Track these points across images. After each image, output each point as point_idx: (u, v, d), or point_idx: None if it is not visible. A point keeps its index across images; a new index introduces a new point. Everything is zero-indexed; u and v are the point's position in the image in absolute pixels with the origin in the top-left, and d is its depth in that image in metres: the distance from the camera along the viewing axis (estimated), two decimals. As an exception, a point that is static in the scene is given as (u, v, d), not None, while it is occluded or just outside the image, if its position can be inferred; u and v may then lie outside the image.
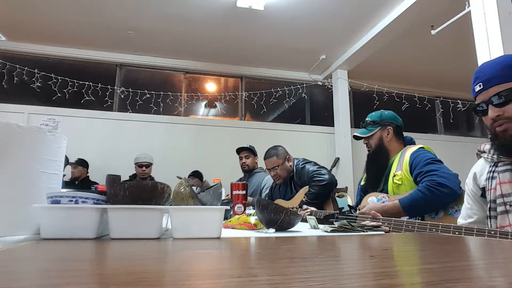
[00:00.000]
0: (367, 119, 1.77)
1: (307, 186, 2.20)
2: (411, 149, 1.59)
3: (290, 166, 2.40)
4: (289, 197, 2.37)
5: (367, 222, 1.20)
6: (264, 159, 2.46)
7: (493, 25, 2.37)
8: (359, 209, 1.55)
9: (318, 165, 2.32)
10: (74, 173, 3.84)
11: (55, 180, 0.84)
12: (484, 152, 1.07)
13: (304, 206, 1.88)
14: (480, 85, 0.96)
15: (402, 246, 0.70)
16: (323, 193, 2.10)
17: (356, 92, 5.37)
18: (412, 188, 1.47)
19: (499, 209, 0.96)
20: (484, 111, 0.97)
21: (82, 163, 3.92)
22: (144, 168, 3.78)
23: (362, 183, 1.81)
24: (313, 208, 1.89)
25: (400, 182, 1.53)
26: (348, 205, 1.59)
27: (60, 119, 4.33)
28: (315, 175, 2.16)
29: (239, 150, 3.17)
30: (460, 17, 3.22)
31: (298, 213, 1.90)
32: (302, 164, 2.34)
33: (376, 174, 1.67)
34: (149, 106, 4.67)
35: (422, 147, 1.59)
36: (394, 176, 1.57)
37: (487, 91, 0.95)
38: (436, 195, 1.34)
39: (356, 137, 1.79)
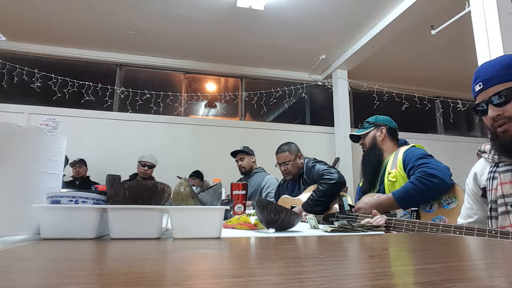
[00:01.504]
0: (363, 122, 1.88)
1: (316, 184, 2.22)
2: (404, 148, 1.65)
3: (301, 163, 2.44)
4: (297, 194, 2.39)
5: (367, 220, 1.20)
6: (276, 153, 2.49)
7: (493, 25, 2.36)
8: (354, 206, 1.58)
9: (328, 165, 2.35)
10: (80, 172, 3.89)
11: (55, 180, 0.84)
12: (484, 152, 1.07)
13: (303, 213, 1.89)
14: (480, 85, 0.96)
15: (402, 246, 0.70)
16: (331, 191, 2.12)
17: (356, 92, 5.37)
18: None
19: (500, 209, 0.96)
20: (484, 111, 0.97)
21: (85, 162, 3.98)
22: (146, 168, 3.79)
23: (361, 184, 1.85)
24: (311, 215, 1.90)
25: (394, 179, 1.58)
26: (349, 205, 1.60)
27: (60, 119, 4.34)
28: (325, 174, 2.18)
29: (233, 154, 3.16)
30: (460, 17, 3.22)
31: None
32: (312, 163, 2.37)
33: (371, 172, 1.72)
34: (149, 106, 4.67)
35: (414, 145, 1.66)
36: (389, 174, 1.61)
37: (487, 90, 0.95)
38: (427, 185, 1.38)
39: (352, 137, 1.88)
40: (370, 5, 3.60)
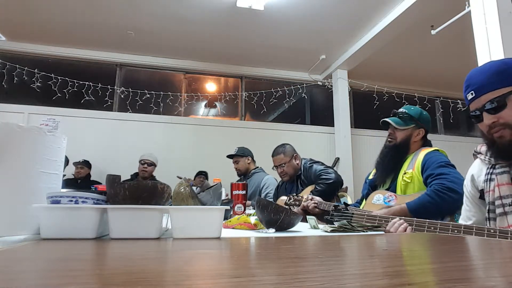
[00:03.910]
0: (403, 110, 1.66)
1: (314, 185, 2.23)
2: (425, 150, 1.56)
3: (297, 164, 2.44)
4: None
5: (366, 217, 1.19)
6: (272, 156, 2.51)
7: (493, 25, 2.36)
8: (365, 200, 1.53)
9: (325, 165, 2.36)
10: (81, 173, 3.92)
11: (55, 180, 0.84)
12: (480, 153, 1.07)
13: (310, 196, 1.88)
14: (472, 93, 0.97)
15: (402, 246, 0.70)
16: (328, 191, 2.14)
17: (356, 92, 5.37)
18: (421, 189, 1.46)
19: (498, 211, 0.96)
20: (478, 118, 0.97)
21: (88, 164, 4.01)
22: (146, 166, 3.79)
23: (371, 177, 1.75)
24: (318, 198, 1.89)
25: (409, 180, 1.51)
26: (344, 203, 1.57)
27: (60, 119, 4.34)
28: (322, 174, 2.20)
29: (229, 157, 3.16)
30: (460, 17, 3.22)
31: (303, 202, 1.90)
32: (309, 164, 2.38)
33: (390, 167, 1.62)
34: (149, 106, 4.67)
35: (437, 150, 1.56)
36: (405, 173, 1.54)
37: (479, 98, 0.95)
38: (444, 199, 1.32)
39: (385, 123, 1.68)
40: (370, 5, 3.60)
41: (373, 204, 1.55)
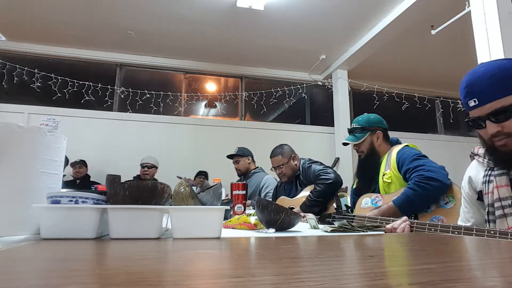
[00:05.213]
0: (354, 124, 1.78)
1: (313, 185, 2.22)
2: (397, 148, 1.64)
3: (296, 165, 2.43)
4: (294, 195, 2.39)
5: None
6: (270, 157, 2.49)
7: (493, 25, 2.37)
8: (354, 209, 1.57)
9: (324, 165, 2.34)
10: (80, 172, 3.93)
11: (55, 180, 0.84)
12: (478, 155, 1.07)
13: (301, 214, 1.89)
14: (475, 101, 0.92)
15: (401, 246, 0.70)
16: (328, 191, 2.12)
17: (356, 92, 5.37)
18: (402, 185, 1.51)
19: (497, 213, 0.96)
20: (480, 125, 0.94)
21: (85, 163, 4.01)
22: (146, 169, 3.81)
23: (354, 186, 1.83)
24: (311, 215, 1.89)
25: (389, 180, 1.57)
26: (346, 205, 1.59)
27: (60, 119, 4.34)
28: (321, 174, 2.19)
29: (229, 157, 3.15)
30: (460, 17, 3.22)
31: None
32: (308, 164, 2.37)
33: (369, 176, 1.70)
34: (149, 106, 4.67)
35: (407, 145, 1.64)
36: (384, 175, 1.60)
37: (483, 107, 0.91)
38: (426, 189, 1.37)
39: (346, 144, 1.81)
40: (370, 5, 3.60)
41: (362, 208, 1.58)
